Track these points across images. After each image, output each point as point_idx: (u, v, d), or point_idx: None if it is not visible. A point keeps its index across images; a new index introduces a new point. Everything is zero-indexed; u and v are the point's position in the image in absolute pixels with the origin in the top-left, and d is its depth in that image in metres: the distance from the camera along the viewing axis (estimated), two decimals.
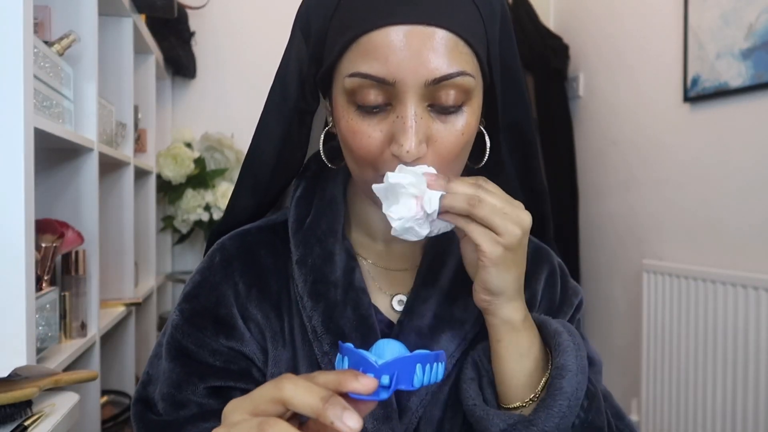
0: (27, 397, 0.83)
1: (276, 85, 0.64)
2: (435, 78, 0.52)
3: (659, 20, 2.11)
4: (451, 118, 0.54)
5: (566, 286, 0.69)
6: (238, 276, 0.63)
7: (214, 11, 2.40)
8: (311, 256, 0.62)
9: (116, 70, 1.68)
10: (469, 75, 0.53)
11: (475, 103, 0.56)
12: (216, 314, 0.61)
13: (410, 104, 0.52)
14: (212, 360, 0.60)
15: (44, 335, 1.06)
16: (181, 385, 0.59)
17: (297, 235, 0.64)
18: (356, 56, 0.53)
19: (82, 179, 1.33)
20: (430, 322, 0.61)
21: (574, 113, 2.55)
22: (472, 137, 0.57)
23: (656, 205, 2.13)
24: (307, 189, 0.67)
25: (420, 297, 0.62)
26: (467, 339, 0.61)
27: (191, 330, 0.61)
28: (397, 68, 0.51)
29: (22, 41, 0.87)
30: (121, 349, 1.75)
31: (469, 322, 0.61)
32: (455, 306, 0.62)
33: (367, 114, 0.54)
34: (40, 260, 1.08)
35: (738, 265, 1.79)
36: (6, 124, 0.87)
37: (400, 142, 0.52)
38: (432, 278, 0.63)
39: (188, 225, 2.22)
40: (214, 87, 2.44)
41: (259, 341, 0.62)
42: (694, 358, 1.87)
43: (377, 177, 0.55)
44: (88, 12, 1.30)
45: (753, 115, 1.77)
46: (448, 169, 0.56)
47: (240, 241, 0.65)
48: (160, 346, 0.63)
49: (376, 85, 0.52)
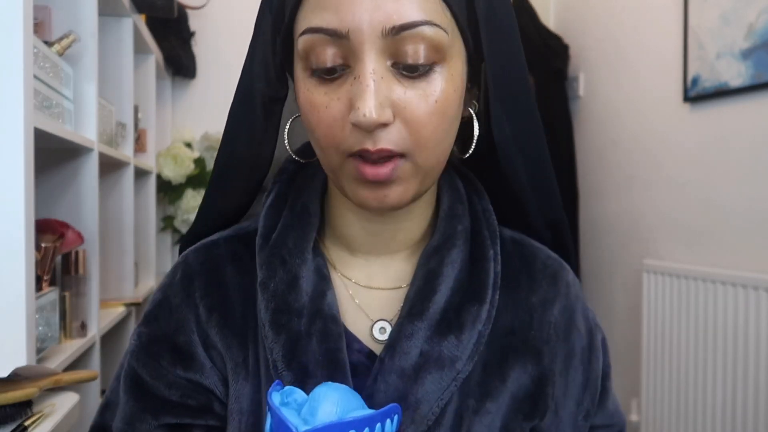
0: (27, 397, 0.83)
1: (243, 74, 0.57)
2: (395, 26, 0.44)
3: (659, 20, 2.11)
4: (420, 83, 0.46)
5: (592, 341, 0.59)
6: (200, 297, 0.56)
7: (214, 11, 2.39)
8: (274, 279, 0.54)
9: (116, 70, 1.68)
10: (439, 27, 0.46)
11: (453, 69, 0.48)
12: (174, 342, 0.55)
13: (368, 60, 0.45)
14: (168, 393, 0.54)
15: (44, 335, 1.06)
16: (134, 421, 0.54)
17: (262, 253, 0.55)
18: (309, 10, 0.47)
19: (82, 179, 1.33)
20: (415, 360, 0.51)
21: (574, 113, 2.55)
22: (452, 111, 0.48)
23: (656, 205, 2.13)
24: (279, 196, 0.59)
25: (404, 331, 0.52)
26: (458, 380, 0.51)
27: (147, 359, 0.55)
28: (351, 17, 0.44)
29: (22, 41, 0.87)
30: (121, 349, 1.75)
31: (461, 359, 0.51)
32: (446, 341, 0.52)
33: (324, 81, 0.47)
34: (40, 260, 1.08)
35: (738, 265, 1.79)
36: (6, 124, 0.87)
37: (357, 105, 0.44)
38: (419, 307, 0.53)
39: (188, 225, 2.21)
40: (214, 87, 2.44)
41: (221, 371, 0.55)
42: (694, 358, 1.87)
43: (343, 161, 0.48)
44: (88, 12, 1.30)
45: (753, 115, 1.77)
46: (423, 149, 0.47)
47: (205, 255, 0.58)
48: (121, 367, 0.58)
49: (329, 40, 0.45)
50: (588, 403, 0.58)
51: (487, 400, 0.53)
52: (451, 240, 0.56)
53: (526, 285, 0.58)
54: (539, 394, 0.55)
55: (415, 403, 0.50)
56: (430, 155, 0.48)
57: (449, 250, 0.55)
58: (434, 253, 0.55)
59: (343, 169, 0.49)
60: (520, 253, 0.60)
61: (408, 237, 0.57)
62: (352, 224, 0.56)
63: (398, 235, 0.57)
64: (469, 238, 0.57)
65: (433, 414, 0.50)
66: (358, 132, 0.46)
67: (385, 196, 0.48)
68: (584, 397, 0.57)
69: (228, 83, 2.71)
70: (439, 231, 0.56)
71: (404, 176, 0.48)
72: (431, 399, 0.50)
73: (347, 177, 0.49)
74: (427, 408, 0.50)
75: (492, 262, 0.55)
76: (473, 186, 0.60)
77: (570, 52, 2.54)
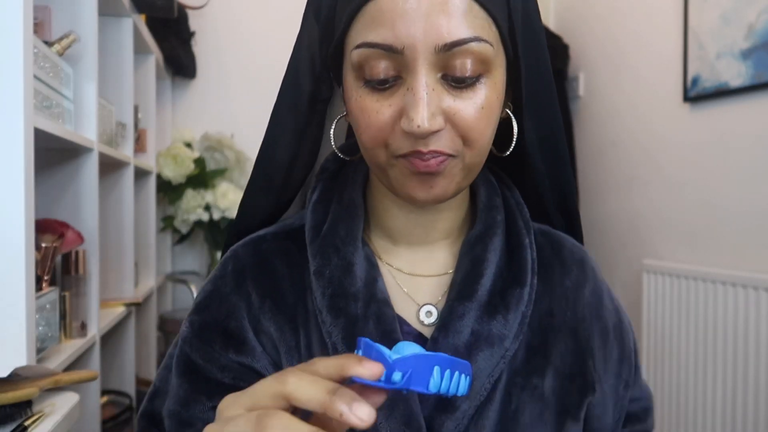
0: (27, 397, 0.84)
1: (287, 74, 0.60)
2: (446, 43, 0.47)
3: (659, 20, 2.11)
4: (467, 92, 0.50)
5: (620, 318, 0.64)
6: (251, 286, 0.59)
7: (214, 11, 2.40)
8: (329, 266, 0.57)
9: (116, 70, 1.68)
10: (486, 41, 0.49)
11: (496, 77, 0.51)
12: (226, 327, 0.57)
13: (421, 74, 0.48)
14: (221, 376, 0.56)
15: (44, 335, 1.06)
16: (189, 403, 0.56)
17: (314, 244, 0.59)
18: (363, 25, 0.49)
19: (82, 179, 1.33)
20: (467, 339, 0.55)
21: (574, 113, 2.55)
22: (495, 115, 0.52)
23: (656, 205, 2.13)
24: (324, 192, 0.63)
25: (456, 312, 0.56)
26: (507, 357, 0.55)
27: (200, 344, 0.58)
28: (405, 33, 0.47)
29: (22, 41, 0.87)
30: (121, 349, 1.75)
31: (509, 337, 0.55)
32: (494, 321, 0.56)
33: (376, 90, 0.50)
34: (40, 260, 1.08)
35: (738, 265, 1.79)
36: (6, 124, 0.87)
37: (411, 116, 0.48)
38: (468, 290, 0.57)
39: (188, 225, 2.22)
40: (214, 87, 2.44)
41: (272, 356, 0.57)
42: (694, 358, 1.87)
43: (390, 159, 0.52)
44: (88, 12, 1.30)
45: (753, 115, 1.77)
46: (471, 149, 0.51)
47: (253, 249, 0.61)
48: (171, 357, 0.61)
49: (384, 54, 0.48)
50: (626, 374, 0.62)
51: (534, 377, 0.56)
52: (492, 229, 0.60)
53: (559, 270, 0.62)
54: (583, 368, 0.59)
55: None
56: (476, 154, 0.52)
57: (491, 238, 0.59)
58: (478, 241, 0.59)
59: (392, 166, 0.52)
60: (549, 243, 0.64)
61: (447, 226, 0.61)
62: (395, 216, 0.60)
63: (438, 225, 0.60)
64: (506, 229, 0.61)
65: (485, 390, 0.54)
66: (410, 138, 0.49)
67: (431, 188, 0.52)
68: (622, 369, 0.61)
69: (228, 83, 2.72)
70: (481, 221, 0.60)
71: (451, 171, 0.52)
72: (483, 375, 0.54)
73: (395, 172, 0.53)
74: (479, 384, 0.54)
75: (528, 249, 0.60)
76: (504, 181, 0.65)
77: (570, 52, 2.54)
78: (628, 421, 0.65)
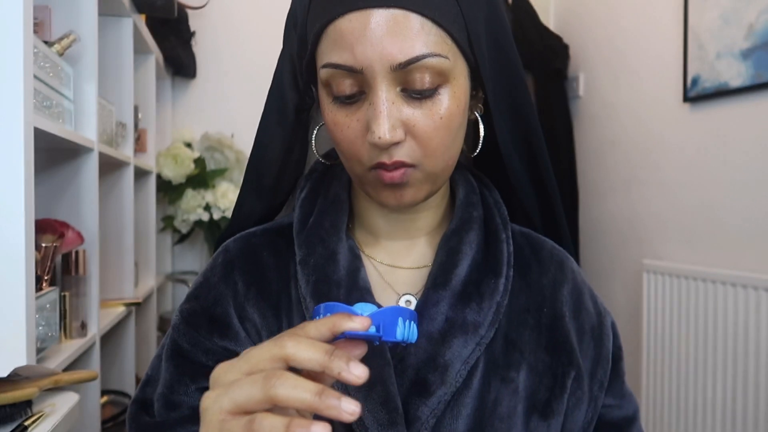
0: (27, 397, 0.84)
1: (273, 83, 0.64)
2: (400, 62, 0.50)
3: (659, 20, 2.11)
4: (427, 102, 0.53)
5: (602, 319, 0.65)
6: (238, 275, 0.62)
7: (214, 11, 2.40)
8: (314, 255, 0.60)
9: (116, 70, 1.68)
10: (440, 56, 0.51)
11: (456, 86, 0.54)
12: (212, 313, 0.60)
13: (381, 90, 0.51)
14: (205, 359, 0.59)
15: (44, 335, 1.06)
16: (174, 386, 0.59)
17: (300, 235, 0.62)
18: (327, 46, 0.53)
19: (82, 179, 1.33)
20: (442, 326, 0.57)
21: (574, 113, 2.55)
22: (456, 122, 0.55)
23: (656, 205, 2.13)
24: (312, 189, 0.66)
25: (431, 299, 0.58)
26: (482, 344, 0.57)
27: (187, 329, 0.60)
28: (363, 55, 0.50)
29: (22, 41, 0.87)
30: (121, 349, 1.75)
31: (483, 325, 0.57)
32: (468, 308, 0.58)
33: (344, 104, 0.54)
34: (40, 260, 1.08)
35: (738, 265, 1.79)
36: (6, 124, 0.87)
37: (373, 128, 0.51)
38: (443, 279, 0.59)
39: (188, 225, 2.22)
40: (214, 87, 2.44)
41: (254, 341, 0.60)
42: (694, 358, 1.87)
43: (365, 170, 0.55)
44: (88, 12, 1.30)
45: (753, 115, 1.77)
46: (431, 159, 0.54)
47: (243, 243, 0.65)
48: (163, 347, 0.63)
49: (347, 74, 0.52)
50: (601, 375, 0.63)
51: (511, 370, 0.58)
52: (468, 224, 0.63)
53: (536, 269, 0.64)
54: (557, 366, 0.60)
55: (443, 364, 0.55)
56: (438, 163, 0.55)
57: (467, 232, 0.62)
58: (453, 234, 0.62)
59: (366, 177, 0.56)
60: (529, 243, 0.66)
61: (426, 224, 0.64)
62: (376, 215, 0.64)
63: (418, 223, 0.64)
64: (483, 225, 0.64)
65: (460, 376, 0.56)
66: (376, 149, 0.53)
67: (402, 196, 0.56)
68: (597, 370, 0.63)
69: (228, 83, 2.71)
70: (457, 216, 0.63)
71: (415, 181, 0.55)
72: (458, 361, 0.56)
73: (370, 182, 0.56)
74: (454, 370, 0.55)
75: (505, 243, 0.62)
76: (483, 181, 0.68)
77: (570, 52, 2.54)
78: (606, 428, 0.64)
